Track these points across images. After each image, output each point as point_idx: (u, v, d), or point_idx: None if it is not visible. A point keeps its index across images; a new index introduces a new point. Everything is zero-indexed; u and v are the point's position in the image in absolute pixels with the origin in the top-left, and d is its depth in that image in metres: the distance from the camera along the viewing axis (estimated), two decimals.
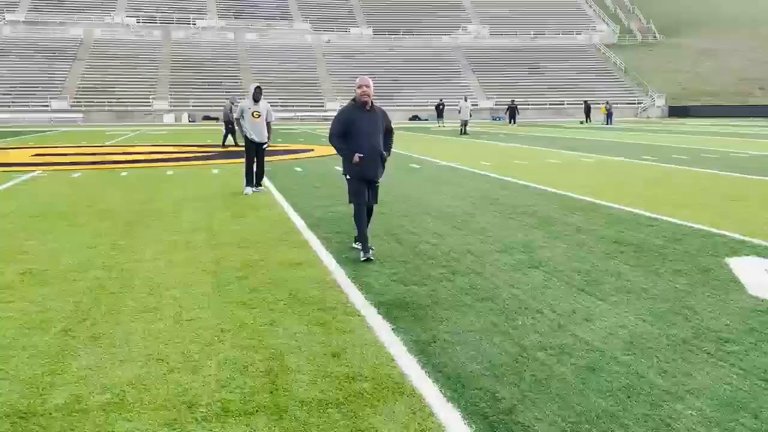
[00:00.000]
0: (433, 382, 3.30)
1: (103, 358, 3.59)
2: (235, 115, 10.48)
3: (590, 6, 78.39)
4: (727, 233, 6.81)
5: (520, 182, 11.33)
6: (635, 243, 6.38)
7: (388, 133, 6.09)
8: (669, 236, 6.69)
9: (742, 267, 5.45)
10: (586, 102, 47.06)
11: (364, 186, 5.95)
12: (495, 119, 54.25)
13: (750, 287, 4.89)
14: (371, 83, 5.92)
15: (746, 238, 6.55)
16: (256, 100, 10.11)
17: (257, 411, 2.98)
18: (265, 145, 10.37)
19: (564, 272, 5.35)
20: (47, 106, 51.23)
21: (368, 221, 6.12)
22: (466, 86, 59.80)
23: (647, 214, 8.01)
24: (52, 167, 14.68)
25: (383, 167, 6.08)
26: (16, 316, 4.27)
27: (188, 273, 5.35)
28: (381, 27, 69.37)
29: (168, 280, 5.14)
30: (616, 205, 8.67)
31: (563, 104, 58.12)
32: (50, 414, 2.94)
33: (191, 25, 65.94)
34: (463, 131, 29.90)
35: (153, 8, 67.15)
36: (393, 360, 3.57)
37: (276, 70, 60.40)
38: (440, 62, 64.05)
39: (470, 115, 31.24)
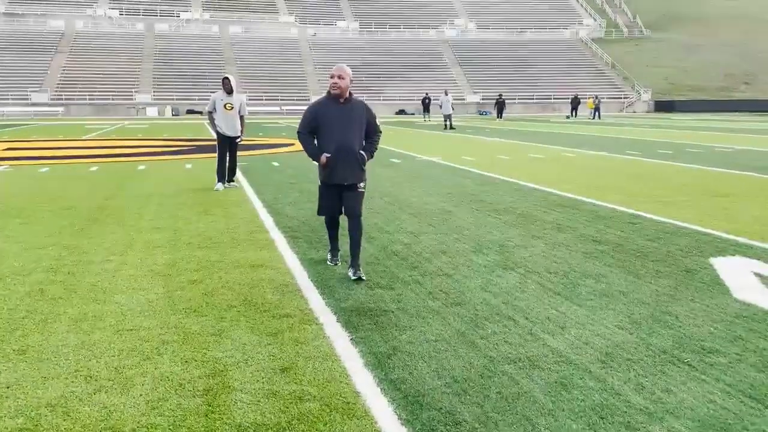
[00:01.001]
0: (389, 401, 2.98)
1: (26, 374, 3.24)
2: (207, 109, 10.07)
3: (577, 0, 78.29)
4: (711, 231, 6.56)
5: (502, 178, 11.04)
6: (616, 242, 6.10)
7: (371, 131, 5.12)
8: (651, 235, 6.42)
9: (727, 268, 5.19)
10: (576, 96, 46.85)
11: (334, 193, 5.07)
12: (482, 114, 54.06)
13: (735, 290, 4.62)
14: (348, 72, 4.97)
15: (731, 237, 6.30)
16: (228, 91, 9.72)
17: None
18: (238, 140, 9.99)
19: (540, 274, 5.06)
20: (27, 99, 50.33)
21: (357, 246, 5.01)
22: (453, 80, 59.54)
23: (630, 211, 7.75)
24: (20, 161, 14.21)
25: (361, 170, 5.04)
26: None
27: (139, 276, 5.00)
28: (367, 20, 68.88)
29: (116, 284, 4.79)
30: (598, 202, 8.40)
31: (550, 99, 58.00)
32: None
33: (175, 18, 65.05)
34: (448, 126, 29.55)
35: (136, 0, 66.14)
36: (347, 376, 3.25)
37: (261, 63, 59.75)
38: (427, 56, 63.69)
39: (452, 109, 30.90)
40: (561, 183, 10.29)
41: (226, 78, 9.76)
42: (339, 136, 4.95)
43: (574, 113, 45.89)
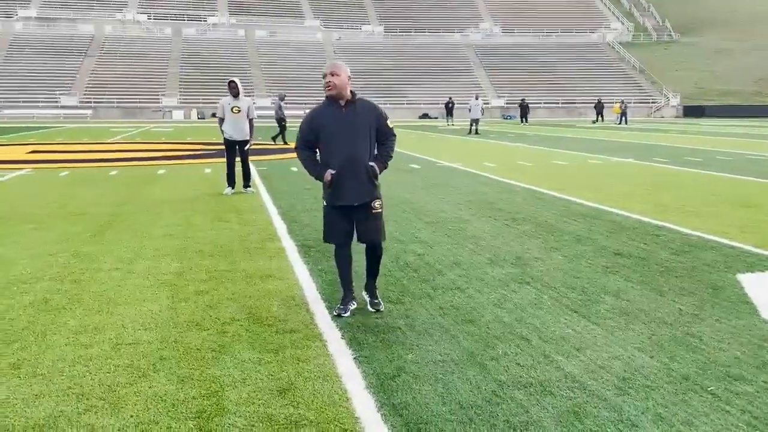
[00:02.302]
0: (389, 428, 2.82)
1: (17, 391, 3.15)
2: (218, 115, 10.05)
3: (604, 4, 77.32)
4: (739, 245, 6.27)
5: (523, 185, 10.80)
6: (638, 255, 5.86)
7: (384, 135, 4.29)
8: (676, 248, 6.16)
9: (756, 285, 4.92)
10: (599, 100, 46.22)
11: (343, 218, 4.25)
12: (506, 118, 53.64)
13: (764, 310, 4.36)
14: (343, 68, 4.15)
15: (762, 251, 6.01)
16: (234, 95, 9.71)
17: None
18: (247, 145, 9.93)
19: (557, 289, 4.85)
20: (57, 102, 51.24)
21: (374, 269, 4.42)
22: (477, 84, 59.18)
23: (654, 222, 7.48)
24: (42, 165, 14.35)
25: (374, 185, 4.25)
26: None
27: (145, 286, 4.91)
28: (392, 24, 68.84)
29: (121, 294, 4.71)
30: (621, 212, 8.13)
31: (575, 103, 57.31)
32: None
33: (202, 22, 65.76)
34: (474, 130, 29.10)
35: (164, 5, 67.04)
36: (347, 399, 3.10)
37: (286, 67, 60.06)
38: (451, 60, 63.41)
39: (482, 114, 30.51)
40: (584, 191, 10.03)
41: (232, 81, 9.74)
42: (344, 147, 4.16)
43: (600, 118, 45.25)
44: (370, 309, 4.33)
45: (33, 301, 4.52)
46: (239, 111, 9.68)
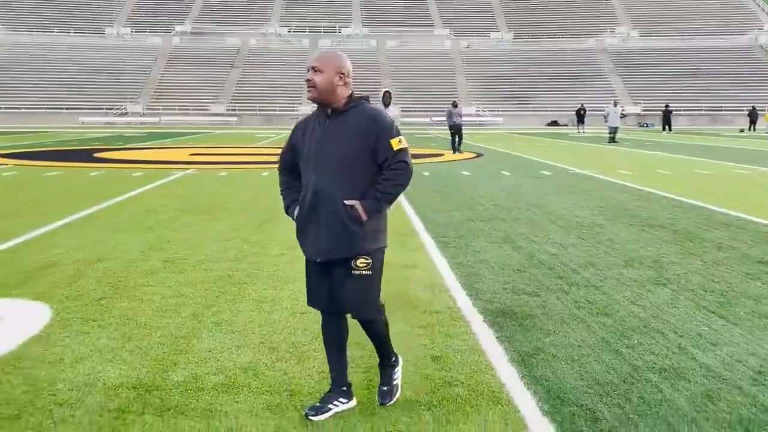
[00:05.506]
0: (531, 394, 3.21)
1: (222, 343, 3.89)
2: None
3: (757, 4, 71.38)
4: None
5: (660, 193, 10.61)
6: None
7: (385, 160, 2.90)
8: None
9: None
10: (753, 108, 42.84)
11: (316, 274, 3.03)
12: (643, 126, 51.20)
13: None
14: (333, 61, 2.90)
15: None
16: (387, 104, 10.45)
17: None
18: None
19: (695, 291, 4.96)
20: (207, 109, 55.94)
21: (377, 346, 3.26)
22: (611, 90, 56.99)
23: None
24: (203, 166, 16.04)
25: (352, 235, 2.92)
26: (155, 299, 4.74)
27: None
28: (522, 31, 68.01)
29: (289, 274, 5.45)
30: None
31: (721, 110, 53.50)
32: (170, 389, 3.25)
33: (337, 33, 68.83)
34: (612, 139, 27.87)
35: (304, 18, 70.94)
36: (492, 369, 3.52)
37: (415, 75, 61.31)
38: (583, 66, 61.53)
39: (623, 117, 29.14)
40: (728, 200, 9.69)
41: (388, 91, 10.58)
42: (309, 175, 2.94)
43: (752, 127, 41.94)
44: (378, 400, 3.08)
45: (219, 276, 5.37)
46: None
